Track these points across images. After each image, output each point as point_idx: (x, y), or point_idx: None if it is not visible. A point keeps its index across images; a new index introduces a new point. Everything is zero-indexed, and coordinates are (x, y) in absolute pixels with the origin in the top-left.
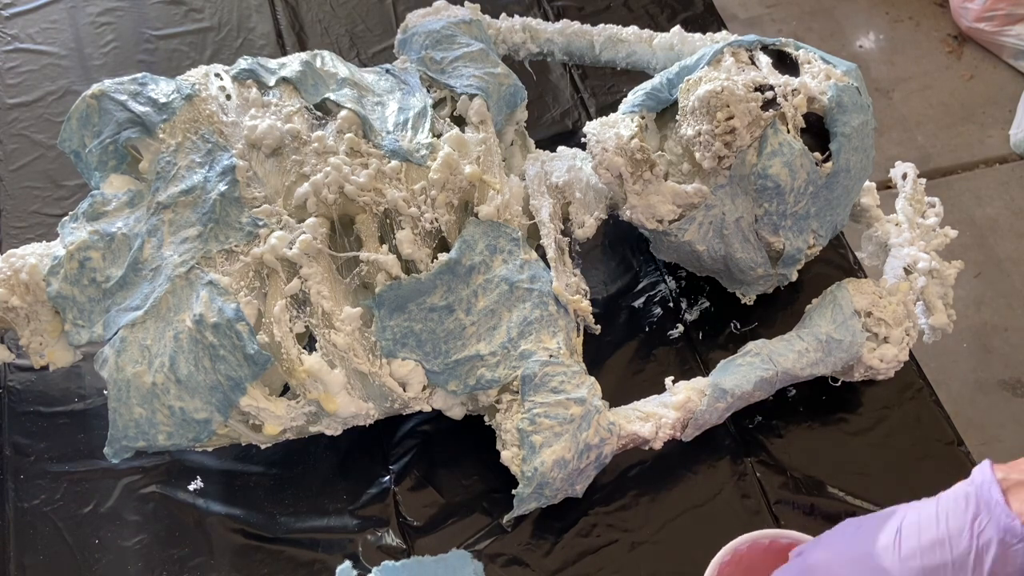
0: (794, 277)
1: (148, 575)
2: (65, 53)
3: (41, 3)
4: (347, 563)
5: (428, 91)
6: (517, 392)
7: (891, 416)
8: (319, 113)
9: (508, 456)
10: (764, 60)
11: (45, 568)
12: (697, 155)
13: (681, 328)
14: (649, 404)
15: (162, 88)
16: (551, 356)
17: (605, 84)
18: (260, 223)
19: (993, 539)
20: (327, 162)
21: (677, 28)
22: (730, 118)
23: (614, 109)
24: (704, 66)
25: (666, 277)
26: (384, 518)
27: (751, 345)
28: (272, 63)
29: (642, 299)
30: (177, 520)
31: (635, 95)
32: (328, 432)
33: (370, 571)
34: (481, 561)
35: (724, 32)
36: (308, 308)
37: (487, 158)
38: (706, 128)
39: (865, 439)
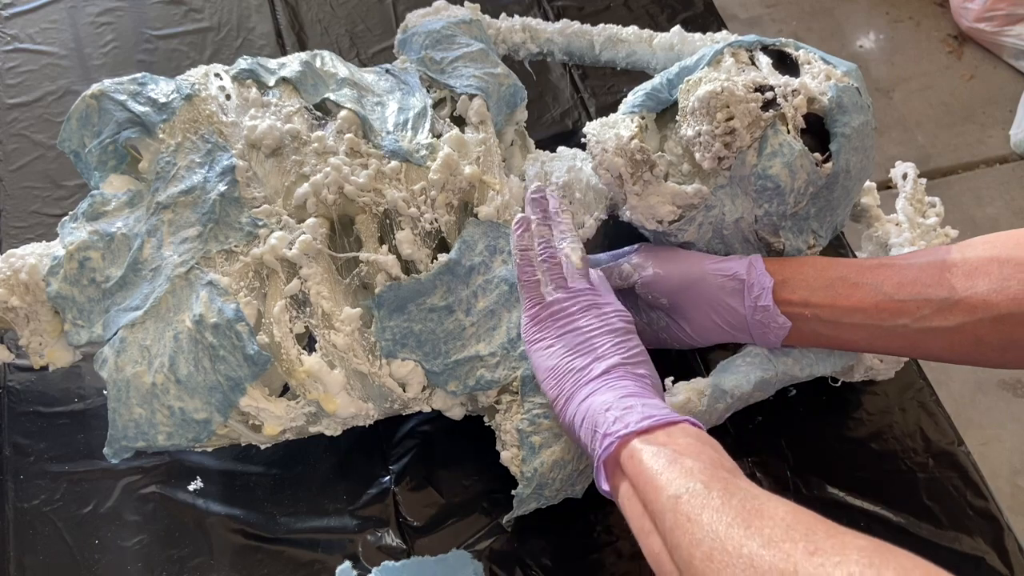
0: None
1: (148, 575)
2: (65, 53)
3: (41, 3)
4: (347, 563)
5: (428, 91)
6: (517, 393)
7: (891, 416)
8: (319, 113)
9: (507, 457)
10: (764, 60)
11: (45, 568)
12: (697, 156)
13: None
14: None
15: (162, 88)
16: None
17: (605, 84)
18: (260, 223)
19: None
20: (327, 162)
21: (677, 28)
22: (730, 118)
23: (614, 109)
24: (704, 66)
25: None
26: (384, 518)
27: (751, 346)
28: (272, 63)
29: None
30: (177, 520)
31: (635, 95)
32: (328, 432)
33: (370, 571)
34: (481, 561)
35: (724, 32)
36: (308, 308)
37: (487, 158)
38: (706, 128)
39: (865, 439)
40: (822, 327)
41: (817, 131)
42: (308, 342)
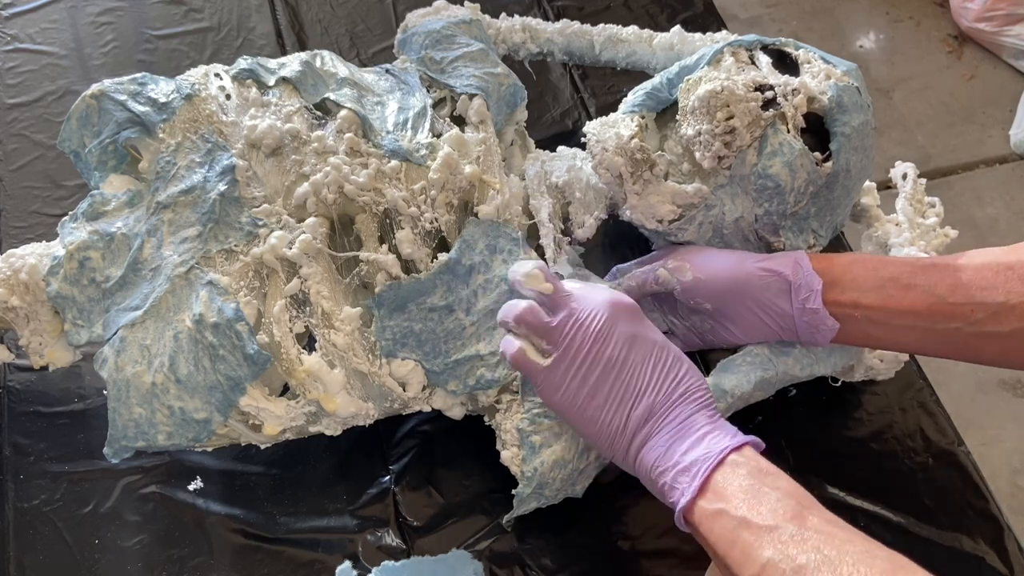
0: None
1: (148, 575)
2: (65, 53)
3: (41, 3)
4: (347, 563)
5: (428, 91)
6: (517, 392)
7: (891, 416)
8: (319, 113)
9: (508, 456)
10: (764, 60)
11: (45, 568)
12: (697, 155)
13: None
14: None
15: (162, 88)
16: None
17: (605, 84)
18: (260, 223)
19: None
20: (327, 162)
21: (677, 28)
22: (730, 118)
23: (614, 109)
24: (704, 66)
25: None
26: (384, 518)
27: (751, 345)
28: (272, 63)
29: None
30: (177, 520)
31: (635, 95)
32: (328, 432)
33: (370, 571)
34: (481, 561)
35: (724, 32)
36: (308, 308)
37: (487, 158)
38: (706, 128)
39: (865, 439)
40: (872, 328)
41: (817, 130)
42: (308, 342)
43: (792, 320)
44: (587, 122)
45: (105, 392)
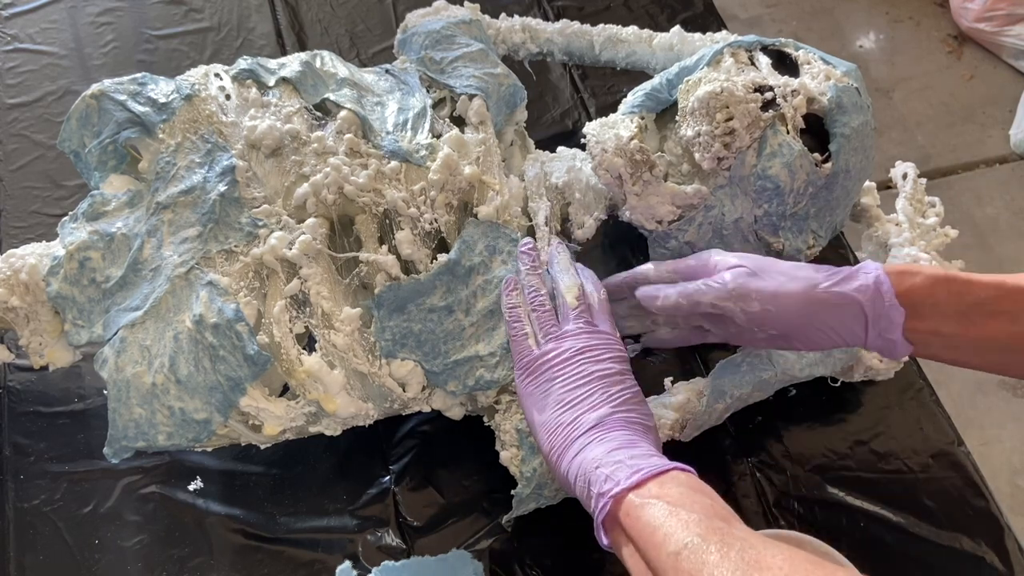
0: None
1: (148, 575)
2: (65, 53)
3: (41, 3)
4: (347, 563)
5: (428, 91)
6: (515, 393)
7: (891, 416)
8: (319, 113)
9: (507, 456)
10: (764, 60)
11: (45, 568)
12: (696, 156)
13: None
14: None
15: (162, 88)
16: None
17: (605, 84)
18: (260, 223)
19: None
20: (327, 162)
21: (677, 28)
22: (729, 119)
23: (614, 109)
24: (704, 67)
25: None
26: (384, 518)
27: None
28: (272, 63)
29: None
30: (177, 520)
31: (635, 96)
32: (328, 432)
33: (370, 571)
34: (481, 561)
35: (724, 32)
36: (308, 308)
37: (487, 159)
38: (705, 129)
39: (865, 439)
40: (945, 352)
41: (817, 131)
42: (308, 342)
43: (863, 340)
44: (587, 122)
45: (105, 392)
